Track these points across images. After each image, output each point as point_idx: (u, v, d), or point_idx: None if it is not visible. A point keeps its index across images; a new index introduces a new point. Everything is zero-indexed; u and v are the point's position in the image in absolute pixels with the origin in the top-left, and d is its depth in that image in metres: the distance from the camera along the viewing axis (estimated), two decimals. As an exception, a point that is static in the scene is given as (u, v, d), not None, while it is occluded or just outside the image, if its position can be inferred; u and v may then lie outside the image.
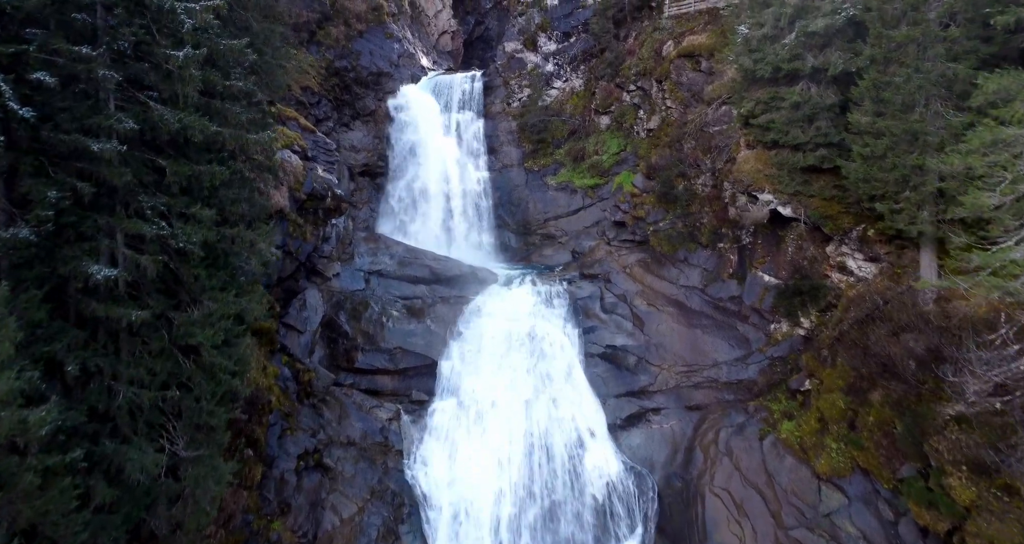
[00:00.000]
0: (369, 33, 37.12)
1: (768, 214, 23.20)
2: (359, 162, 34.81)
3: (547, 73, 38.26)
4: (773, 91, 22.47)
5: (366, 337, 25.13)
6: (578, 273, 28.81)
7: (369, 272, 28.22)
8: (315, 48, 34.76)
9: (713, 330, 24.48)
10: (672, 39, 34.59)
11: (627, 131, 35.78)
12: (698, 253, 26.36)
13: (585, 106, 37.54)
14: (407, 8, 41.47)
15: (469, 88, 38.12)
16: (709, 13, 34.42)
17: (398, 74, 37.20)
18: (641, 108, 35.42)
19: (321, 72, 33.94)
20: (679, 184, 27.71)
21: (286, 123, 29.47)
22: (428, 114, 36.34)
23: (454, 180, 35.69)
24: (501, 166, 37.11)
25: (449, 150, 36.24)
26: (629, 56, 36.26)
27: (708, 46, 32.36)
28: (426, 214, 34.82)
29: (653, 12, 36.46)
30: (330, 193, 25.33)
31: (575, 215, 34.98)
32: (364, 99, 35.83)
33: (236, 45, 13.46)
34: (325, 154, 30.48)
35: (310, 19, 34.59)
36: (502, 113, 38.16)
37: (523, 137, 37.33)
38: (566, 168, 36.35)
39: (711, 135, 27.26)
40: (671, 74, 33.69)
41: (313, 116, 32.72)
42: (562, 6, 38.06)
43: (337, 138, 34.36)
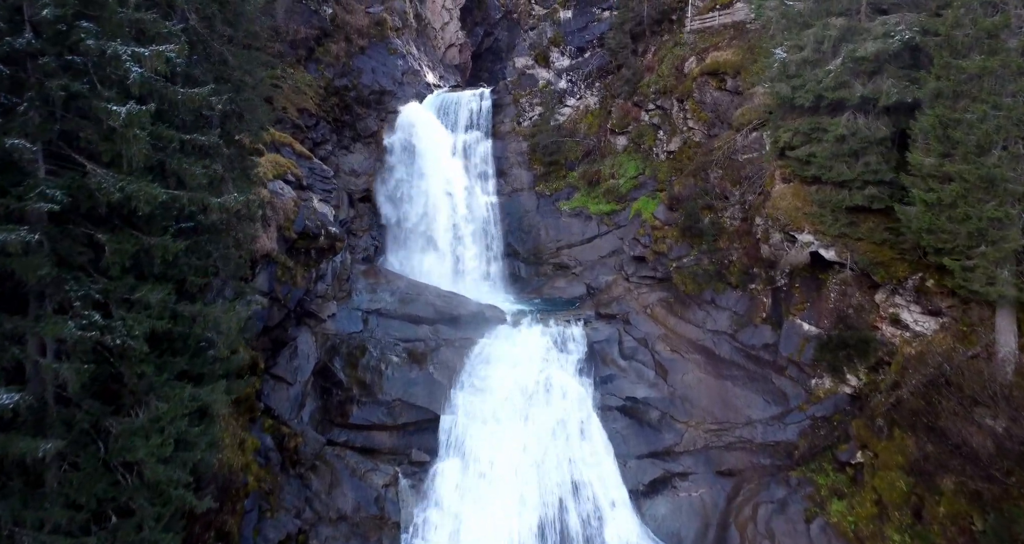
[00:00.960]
0: (371, 49, 35.11)
1: (808, 257, 20.84)
2: (359, 187, 32.75)
3: (560, 90, 36.08)
4: (814, 121, 20.13)
5: (362, 387, 22.99)
6: (594, 312, 26.53)
7: (368, 311, 26.11)
8: (313, 66, 32.78)
9: (745, 382, 22.11)
10: (694, 55, 32.30)
11: (645, 153, 33.49)
12: (727, 294, 24.01)
13: (600, 126, 35.31)
14: (412, 21, 39.50)
15: (477, 106, 36.00)
16: (734, 27, 32.13)
17: (402, 92, 35.15)
18: (661, 129, 33.12)
19: (319, 92, 31.95)
20: (705, 216, 25.40)
21: (280, 150, 27.48)
22: (433, 135, 34.22)
23: (460, 205, 33.53)
24: (511, 190, 34.92)
25: (455, 173, 34.10)
26: (647, 73, 34.00)
27: (734, 63, 30.06)
28: (430, 242, 32.66)
29: (673, 26, 34.20)
30: (324, 231, 23.23)
31: (590, 243, 32.72)
32: (365, 120, 33.80)
33: (198, 94, 11.37)
34: (322, 182, 28.45)
35: (308, 35, 32.64)
36: (512, 133, 36.01)
37: (534, 159, 35.15)
38: (580, 192, 34.11)
39: (740, 164, 24.94)
40: (693, 93, 31.40)
41: (310, 140, 30.71)
42: (576, 19, 35.90)
43: (336, 162, 32.34)
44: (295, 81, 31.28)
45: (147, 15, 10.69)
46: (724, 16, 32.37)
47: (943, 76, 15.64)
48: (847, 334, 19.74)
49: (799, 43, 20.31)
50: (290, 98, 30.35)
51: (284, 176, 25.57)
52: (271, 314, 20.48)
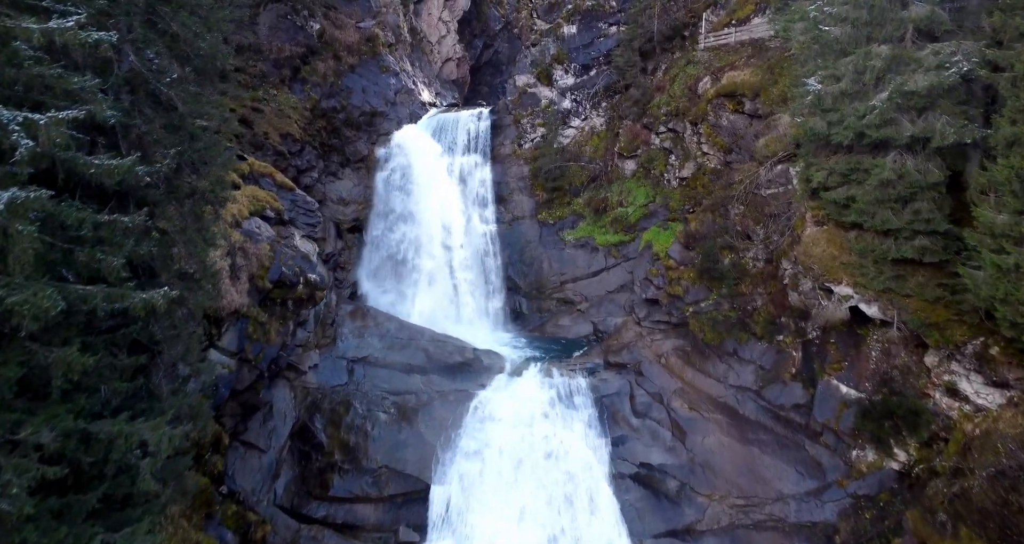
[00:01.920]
0: (362, 67, 32.84)
1: (848, 314, 18.49)
2: (348, 217, 30.42)
3: (563, 110, 33.81)
4: (853, 160, 17.81)
5: (345, 451, 20.63)
6: (602, 360, 24.17)
7: (353, 360, 23.75)
8: (299, 86, 30.49)
9: (774, 449, 19.73)
10: (709, 75, 30.02)
11: (656, 179, 31.19)
12: (750, 345, 21.64)
13: (607, 149, 33.01)
14: (406, 36, 37.26)
15: (475, 127, 33.71)
16: (752, 45, 29.87)
17: (395, 113, 32.88)
18: (673, 153, 30.83)
19: (305, 115, 29.65)
20: (725, 257, 23.06)
21: (259, 180, 25.18)
22: (428, 159, 31.94)
23: (457, 235, 31.23)
24: (511, 218, 32.61)
25: (452, 200, 31.81)
26: (658, 93, 31.72)
27: (752, 84, 27.78)
28: (424, 276, 30.32)
29: (686, 42, 31.95)
30: (303, 279, 20.88)
31: (596, 277, 30.39)
32: (355, 143, 31.51)
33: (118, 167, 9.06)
34: (305, 215, 26.14)
35: (293, 53, 30.37)
36: (512, 156, 33.72)
37: (536, 184, 32.84)
38: (585, 221, 31.79)
39: (764, 200, 22.62)
40: (708, 116, 29.12)
41: (294, 167, 28.40)
42: (580, 35, 33.66)
43: (323, 190, 30.03)
44: (278, 103, 29.00)
45: (49, 70, 8.44)
46: (741, 33, 30.11)
47: (1020, 121, 13.37)
48: (893, 401, 17.38)
49: (835, 73, 18.00)
50: (272, 122, 28.07)
51: (262, 212, 23.28)
52: (240, 376, 18.14)
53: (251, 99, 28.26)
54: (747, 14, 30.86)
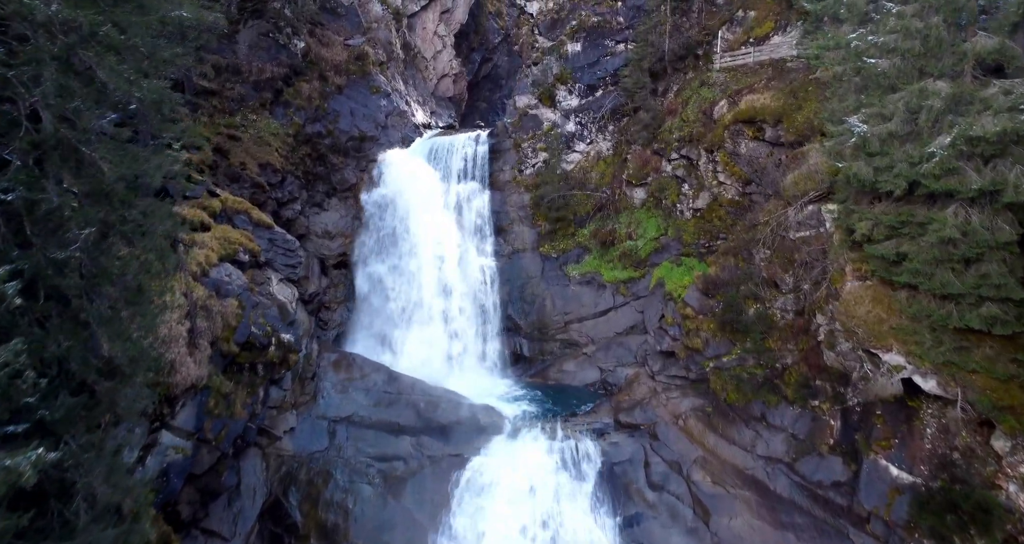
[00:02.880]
0: (350, 88, 30.53)
1: (900, 387, 16.10)
2: (334, 251, 28.05)
3: (567, 134, 31.48)
4: (905, 212, 15.46)
5: (323, 534, 18.20)
6: (612, 420, 21.76)
7: (336, 420, 21.35)
8: (281, 110, 28.16)
9: (813, 536, 17.30)
10: (725, 98, 27.72)
11: (667, 210, 28.86)
12: (781, 409, 19.24)
13: (614, 175, 30.69)
14: (399, 52, 34.99)
15: (472, 152, 31.40)
16: (773, 66, 27.59)
17: (385, 137, 30.55)
18: (686, 182, 28.51)
19: (287, 141, 27.31)
20: (749, 307, 20.68)
21: (233, 218, 22.84)
22: (421, 187, 29.61)
23: (453, 270, 28.85)
24: (511, 251, 30.24)
25: (447, 231, 29.46)
26: (669, 116, 29.41)
27: (774, 110, 25.48)
28: (416, 315, 27.95)
29: (699, 62, 29.65)
30: (274, 340, 18.47)
31: (603, 317, 28.01)
32: (342, 171, 29.17)
33: None
34: (285, 255, 23.78)
35: (275, 75, 28.05)
36: (512, 183, 31.38)
37: (538, 214, 30.49)
38: (591, 254, 29.43)
39: (793, 244, 20.26)
40: (725, 143, 26.81)
41: (274, 200, 26.05)
42: (585, 53, 31.36)
43: (306, 224, 27.66)
44: (258, 129, 26.67)
45: None
46: (760, 53, 27.82)
47: None
48: (956, 491, 14.98)
49: (882, 111, 15.66)
50: (250, 151, 25.73)
51: (235, 256, 20.93)
52: (198, 460, 15.70)
53: (227, 126, 25.94)
54: (766, 32, 28.60)
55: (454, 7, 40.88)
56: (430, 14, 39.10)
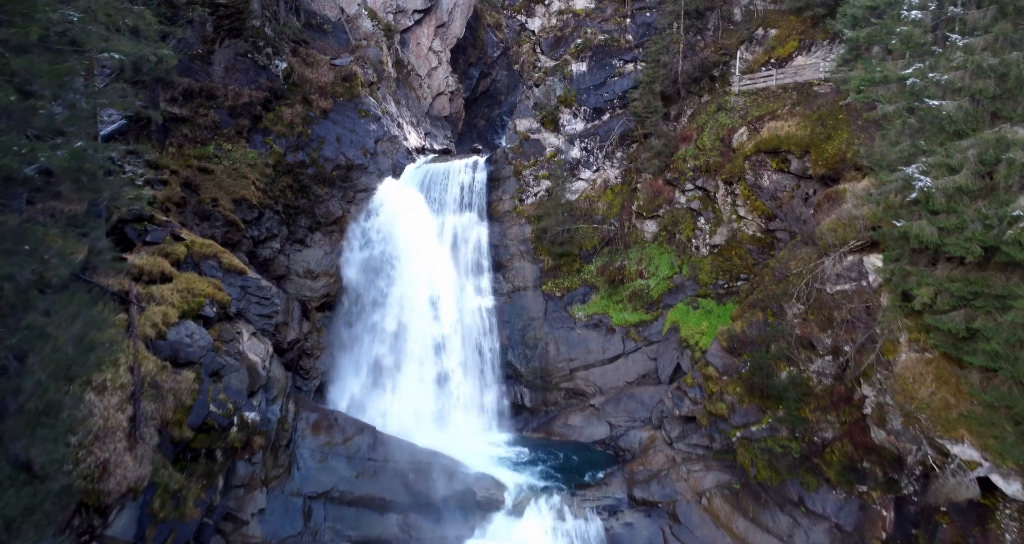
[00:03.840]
0: (337, 112, 28.17)
1: (977, 490, 13.68)
2: (317, 292, 25.62)
3: (572, 160, 29.12)
4: (978, 280, 13.07)
5: (295, 644, 15.72)
6: (625, 494, 19.28)
7: (312, 497, 18.88)
8: (259, 138, 25.78)
9: None
10: (746, 125, 25.40)
11: (682, 245, 26.48)
12: (822, 494, 16.78)
13: (623, 206, 28.32)
14: (390, 71, 32.65)
15: (469, 180, 29.04)
16: (797, 90, 25.27)
17: (375, 165, 28.18)
18: (702, 215, 26.15)
19: (266, 172, 24.91)
20: (781, 370, 18.25)
21: (200, 265, 20.41)
22: (414, 219, 27.23)
23: (448, 311, 26.45)
24: (511, 289, 27.82)
25: (442, 268, 27.08)
26: (683, 143, 27.07)
27: (800, 139, 23.16)
28: (407, 362, 25.50)
29: (716, 84, 27.31)
30: (237, 421, 15.99)
31: (612, 364, 25.60)
32: (327, 203, 26.77)
33: None
34: (259, 303, 21.35)
35: (254, 99, 25.67)
36: (513, 214, 29.00)
37: (540, 248, 28.10)
38: (598, 294, 27.03)
39: (832, 299, 17.83)
40: (746, 174, 24.47)
41: (249, 239, 23.63)
42: (591, 74, 29.02)
43: (286, 263, 25.24)
44: (233, 160, 24.27)
45: None
46: (782, 75, 25.50)
47: None
48: (1040, 616, 12.54)
49: (948, 161, 13.29)
50: (224, 185, 23.32)
51: (200, 310, 18.50)
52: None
53: (198, 157, 23.54)
54: (788, 52, 26.30)
55: (450, 21, 38.61)
56: (424, 29, 36.82)
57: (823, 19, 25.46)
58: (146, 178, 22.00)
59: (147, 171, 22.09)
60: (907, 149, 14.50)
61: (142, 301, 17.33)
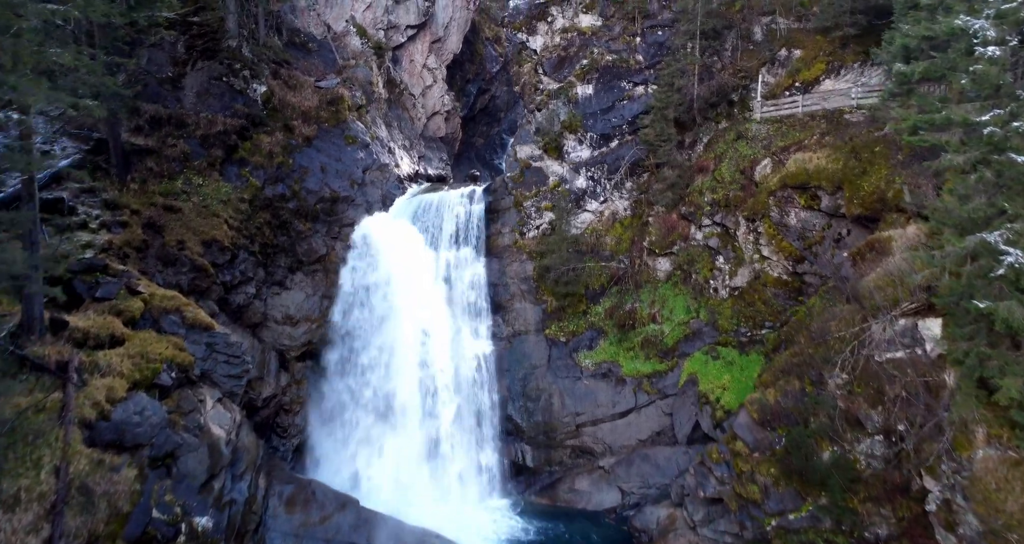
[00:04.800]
0: (321, 139, 25.87)
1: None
2: (297, 340, 23.22)
3: (577, 191, 26.81)
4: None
5: None
6: (644, 587, 16.89)
7: (284, 594, 16.47)
8: (234, 170, 23.44)
9: None
10: (769, 156, 23.12)
11: (699, 287, 24.15)
12: (874, 601, 14.38)
13: (633, 241, 26.00)
14: (381, 91, 30.37)
15: (465, 212, 26.73)
16: (826, 118, 23.00)
17: (363, 196, 25.86)
18: (720, 254, 23.84)
19: (241, 208, 22.55)
20: (823, 449, 15.88)
21: (160, 320, 18.06)
22: (405, 255, 24.89)
23: (442, 359, 24.07)
24: (511, 333, 25.45)
25: (436, 310, 24.72)
26: (700, 174, 24.80)
27: (831, 174, 20.89)
28: (396, 417, 23.11)
29: (734, 110, 25.04)
30: (184, 528, 13.56)
31: (623, 419, 23.22)
32: (310, 239, 24.42)
33: None
34: (228, 362, 18.92)
35: (229, 127, 23.36)
36: (513, 248, 26.65)
37: (543, 287, 25.75)
38: (607, 339, 24.67)
39: (881, 368, 15.46)
40: (770, 211, 22.19)
41: (220, 285, 21.26)
42: (598, 97, 26.76)
43: (263, 309, 22.85)
44: (204, 196, 21.94)
45: None
46: (809, 101, 23.23)
47: None
48: None
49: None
50: (192, 225, 20.96)
51: (155, 377, 16.15)
52: None
53: (164, 193, 21.21)
54: (815, 76, 24.04)
55: (446, 36, 36.40)
56: (418, 45, 34.59)
57: (853, 40, 23.25)
58: (102, 221, 19.67)
59: (104, 212, 19.76)
60: (982, 208, 12.18)
61: (84, 373, 15.00)
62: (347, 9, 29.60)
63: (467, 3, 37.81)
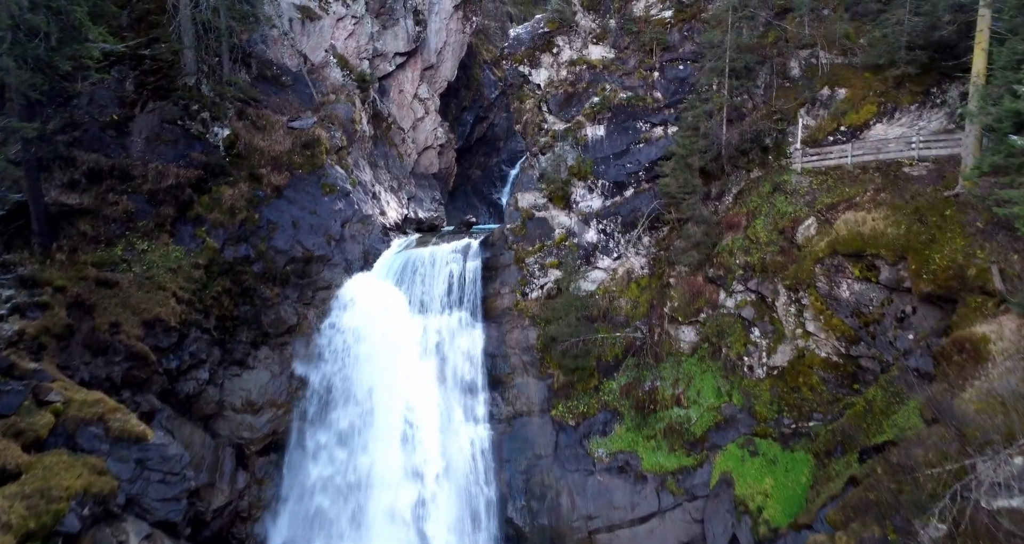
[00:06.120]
0: (294, 188, 22.52)
1: None
2: (259, 431, 19.68)
3: (587, 245, 23.46)
4: None
5: None
6: None
7: None
8: (188, 229, 20.03)
9: None
10: (813, 214, 19.79)
11: (730, 363, 20.70)
12: None
13: (652, 306, 22.60)
14: (365, 128, 27.07)
15: (459, 270, 23.36)
16: (882, 171, 19.68)
17: (341, 254, 22.49)
18: (756, 326, 20.43)
19: (194, 276, 19.12)
20: (913, 617, 12.40)
21: (76, 435, 14.71)
22: (388, 324, 21.55)
23: (430, 448, 20.61)
24: (512, 413, 21.98)
25: (423, 388, 21.30)
26: (729, 231, 21.45)
27: (892, 241, 17.58)
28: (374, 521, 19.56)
29: (769, 156, 21.74)
30: None
31: (644, 525, 19.68)
32: (278, 307, 21.00)
33: None
34: (163, 482, 15.46)
35: (183, 179, 20.00)
36: (513, 311, 23.25)
37: (548, 358, 22.32)
38: (623, 423, 21.19)
39: (994, 523, 12.01)
40: (817, 280, 18.83)
41: (163, 373, 17.76)
42: (611, 139, 23.50)
43: (218, 396, 19.37)
44: (147, 265, 18.54)
45: None
46: (860, 151, 19.93)
47: None
48: None
49: None
50: (131, 301, 17.53)
51: (59, 523, 12.76)
52: None
53: (98, 264, 17.81)
54: (864, 119, 20.78)
55: (439, 62, 33.22)
56: (408, 73, 31.36)
57: (911, 79, 20.03)
58: (15, 304, 16.24)
59: (19, 293, 16.34)
60: None
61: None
62: (326, 37, 26.39)
63: (463, 26, 34.68)
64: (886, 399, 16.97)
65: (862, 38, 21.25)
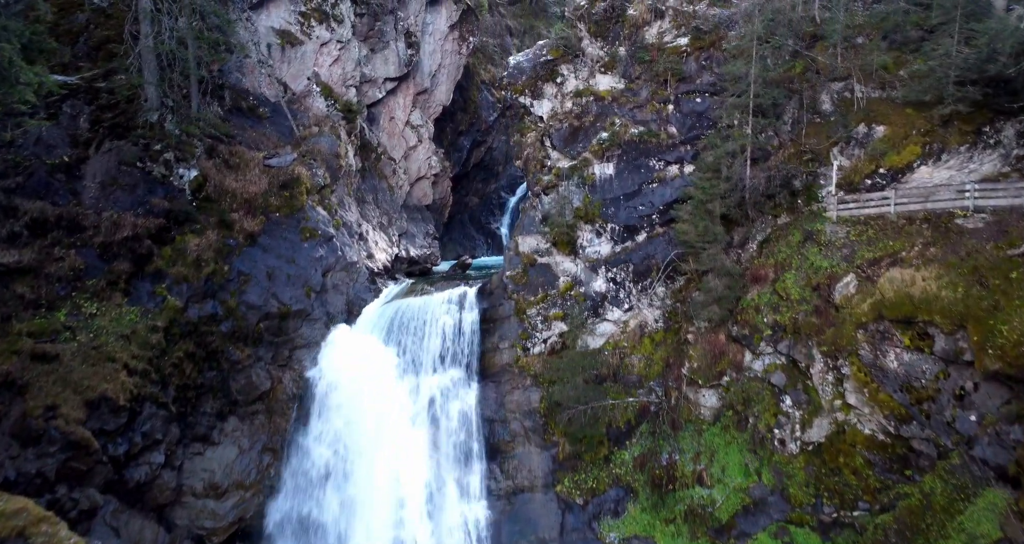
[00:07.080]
0: (270, 234, 20.21)
1: None
2: (223, 520, 17.16)
3: (595, 295, 21.17)
4: None
5: None
6: None
7: None
8: (146, 286, 17.68)
9: None
10: (852, 271, 17.54)
11: (759, 436, 18.35)
12: None
13: (668, 365, 20.27)
14: (351, 162, 24.80)
15: (454, 322, 21.07)
16: (931, 222, 17.40)
17: (322, 307, 20.17)
18: (788, 395, 18.11)
19: (151, 343, 16.73)
20: None
21: (-8, 555, 12.18)
22: (375, 386, 19.23)
23: (420, 530, 18.22)
24: (512, 488, 19.57)
25: (414, 460, 18.95)
26: (755, 284, 19.17)
27: (949, 305, 15.30)
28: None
29: (798, 201, 19.50)
30: None
31: (663, 625, 17.30)
32: (249, 371, 18.63)
33: None
34: (100, 603, 12.99)
35: (140, 230, 17.66)
36: (514, 369, 20.91)
37: (553, 424, 19.99)
38: (637, 501, 18.81)
39: None
40: (860, 348, 16.54)
41: (110, 460, 15.36)
42: (621, 179, 21.29)
43: (175, 480, 16.92)
44: (94, 332, 16.17)
45: None
46: (904, 199, 17.68)
47: None
48: None
49: None
50: (71, 379, 15.13)
51: None
52: None
53: (35, 334, 15.44)
54: (907, 161, 18.56)
55: (434, 86, 31.07)
56: (400, 99, 29.17)
57: (960, 118, 17.85)
58: (-71, 389, 13.97)
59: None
60: None
61: None
62: (308, 64, 24.20)
63: (459, 47, 32.58)
64: (948, 493, 14.66)
65: (902, 70, 19.06)
